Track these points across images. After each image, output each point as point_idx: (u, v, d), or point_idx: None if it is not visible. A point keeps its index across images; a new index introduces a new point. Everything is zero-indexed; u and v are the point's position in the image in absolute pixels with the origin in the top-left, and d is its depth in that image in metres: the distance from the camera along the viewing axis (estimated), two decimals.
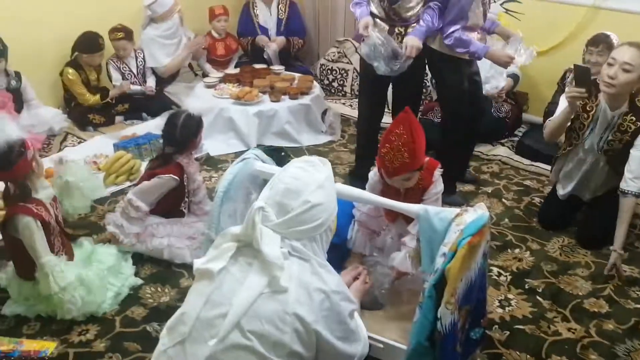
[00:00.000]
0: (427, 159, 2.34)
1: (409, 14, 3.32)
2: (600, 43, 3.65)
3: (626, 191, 2.83)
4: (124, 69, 4.71)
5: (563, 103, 2.92)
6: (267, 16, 5.18)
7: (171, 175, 2.89)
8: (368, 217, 2.46)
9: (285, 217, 1.63)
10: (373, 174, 2.47)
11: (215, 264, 1.65)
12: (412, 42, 3.16)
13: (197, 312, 1.62)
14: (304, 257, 1.65)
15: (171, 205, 3.02)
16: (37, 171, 2.48)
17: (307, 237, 1.66)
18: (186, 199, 3.06)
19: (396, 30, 3.35)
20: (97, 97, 4.48)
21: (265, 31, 5.19)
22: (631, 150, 2.85)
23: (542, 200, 3.55)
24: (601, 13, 4.07)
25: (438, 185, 2.32)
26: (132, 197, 2.86)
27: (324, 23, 5.57)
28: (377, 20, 3.36)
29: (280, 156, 2.70)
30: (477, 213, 1.86)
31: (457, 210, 1.91)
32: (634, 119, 2.77)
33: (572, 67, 2.82)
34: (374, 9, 3.36)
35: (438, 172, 2.34)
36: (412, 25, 3.32)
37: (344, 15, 5.44)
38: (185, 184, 2.98)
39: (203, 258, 1.71)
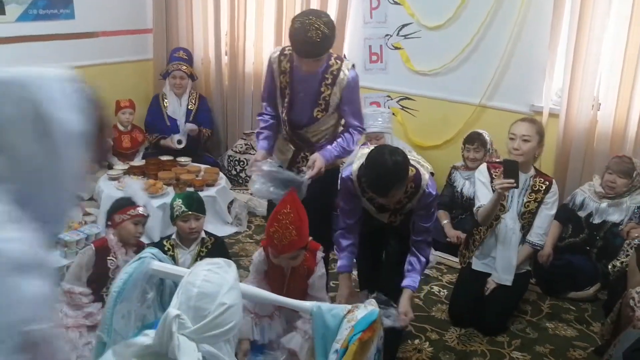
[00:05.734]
0: (310, 238, 2.42)
1: (316, 137, 2.99)
2: (475, 141, 4.03)
3: (527, 240, 3.33)
4: None
5: (482, 194, 3.28)
6: (176, 107, 5.25)
7: (91, 244, 2.84)
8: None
9: (202, 322, 1.59)
10: (257, 254, 2.51)
11: None
12: (319, 162, 2.80)
13: None
14: None
15: (93, 286, 2.83)
16: None
17: (222, 340, 1.65)
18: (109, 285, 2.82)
19: (301, 154, 3.01)
20: None
21: (173, 122, 5.24)
22: (542, 206, 3.29)
23: (441, 290, 3.68)
24: (487, 111, 4.41)
25: (321, 268, 2.40)
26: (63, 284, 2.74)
27: (232, 115, 5.69)
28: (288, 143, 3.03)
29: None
30: (368, 309, 1.92)
31: (348, 306, 1.96)
32: (542, 179, 3.29)
33: (491, 163, 3.37)
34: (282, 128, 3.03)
35: (320, 254, 2.42)
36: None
37: (251, 108, 5.60)
38: (110, 266, 2.83)
39: None
